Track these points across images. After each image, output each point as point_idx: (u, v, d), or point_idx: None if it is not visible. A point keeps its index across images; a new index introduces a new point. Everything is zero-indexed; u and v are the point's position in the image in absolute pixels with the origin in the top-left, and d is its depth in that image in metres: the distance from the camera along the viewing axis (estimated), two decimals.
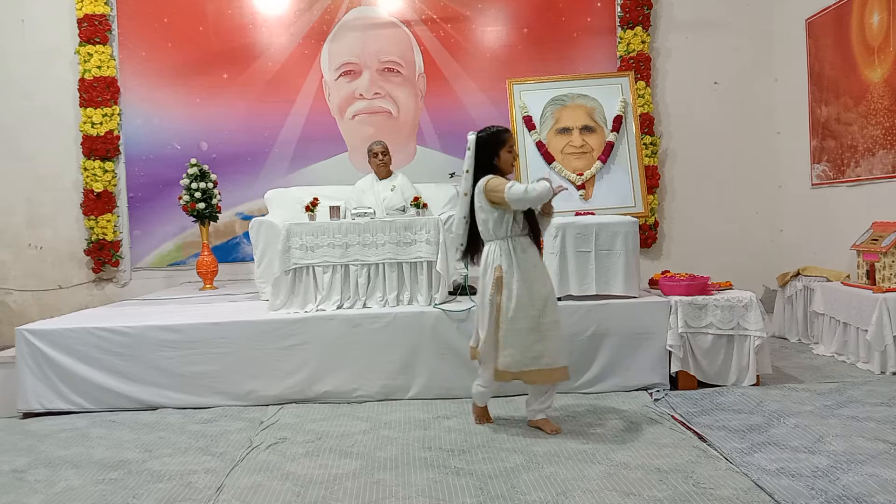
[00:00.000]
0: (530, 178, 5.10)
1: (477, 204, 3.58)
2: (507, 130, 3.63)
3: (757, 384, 4.29)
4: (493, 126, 3.64)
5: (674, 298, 4.34)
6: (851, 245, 5.19)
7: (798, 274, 5.76)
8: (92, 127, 6.59)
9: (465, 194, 3.62)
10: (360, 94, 6.90)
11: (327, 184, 6.12)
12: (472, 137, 3.60)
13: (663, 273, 4.80)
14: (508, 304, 3.48)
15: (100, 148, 6.60)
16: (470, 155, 3.59)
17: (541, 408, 3.65)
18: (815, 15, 6.17)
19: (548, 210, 3.67)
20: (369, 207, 4.92)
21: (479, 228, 3.61)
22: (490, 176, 3.53)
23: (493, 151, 3.57)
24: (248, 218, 6.31)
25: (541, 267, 3.62)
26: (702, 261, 6.28)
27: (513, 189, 3.42)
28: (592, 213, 4.73)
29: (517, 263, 3.50)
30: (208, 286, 6.10)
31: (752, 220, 6.95)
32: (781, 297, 5.93)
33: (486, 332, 3.54)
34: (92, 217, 6.62)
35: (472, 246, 3.70)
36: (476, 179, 3.58)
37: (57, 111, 6.69)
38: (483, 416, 3.81)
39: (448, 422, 3.83)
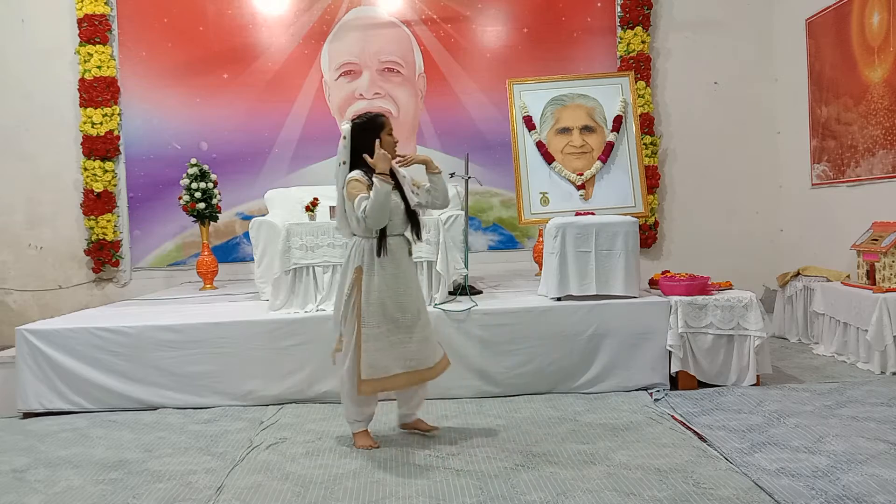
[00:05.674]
0: (531, 178, 5.09)
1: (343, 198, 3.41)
2: (382, 115, 3.45)
3: (757, 384, 4.29)
4: (367, 112, 3.49)
5: (674, 298, 4.34)
6: (851, 245, 5.19)
7: (798, 274, 5.76)
8: (92, 127, 6.59)
9: (342, 188, 3.41)
10: (361, 94, 6.89)
11: (327, 184, 6.09)
12: (346, 127, 3.41)
13: (663, 273, 4.80)
14: (368, 307, 3.33)
15: (100, 148, 6.60)
16: (345, 145, 3.40)
17: (410, 411, 3.64)
18: (815, 15, 6.17)
19: (432, 168, 3.45)
20: None
21: (349, 220, 3.42)
22: (356, 174, 3.34)
23: (373, 135, 3.37)
24: (248, 218, 6.30)
25: (410, 275, 3.47)
26: (702, 261, 6.27)
27: (360, 207, 3.24)
28: (592, 213, 4.72)
29: (380, 265, 3.34)
30: (208, 286, 6.09)
31: (752, 220, 6.95)
32: (781, 297, 5.92)
33: (346, 338, 3.38)
34: (92, 217, 6.62)
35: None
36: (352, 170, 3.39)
37: (57, 111, 6.68)
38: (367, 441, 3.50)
39: (448, 422, 3.83)
